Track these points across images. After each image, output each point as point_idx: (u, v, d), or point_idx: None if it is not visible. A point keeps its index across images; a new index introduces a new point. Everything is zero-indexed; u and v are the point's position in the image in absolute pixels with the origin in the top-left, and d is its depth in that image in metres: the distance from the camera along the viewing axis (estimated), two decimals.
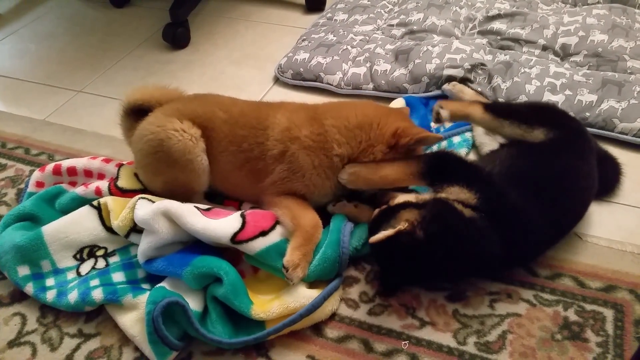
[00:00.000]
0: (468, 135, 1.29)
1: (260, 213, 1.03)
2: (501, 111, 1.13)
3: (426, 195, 0.98)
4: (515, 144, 1.10)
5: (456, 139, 1.28)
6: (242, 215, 1.00)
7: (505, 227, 0.92)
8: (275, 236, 0.99)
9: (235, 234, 0.96)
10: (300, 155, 1.02)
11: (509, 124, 1.10)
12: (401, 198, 0.98)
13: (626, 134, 1.28)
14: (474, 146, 1.28)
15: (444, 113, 1.15)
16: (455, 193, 0.95)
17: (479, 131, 1.26)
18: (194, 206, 1.02)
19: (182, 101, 1.16)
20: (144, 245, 0.99)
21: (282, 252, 0.97)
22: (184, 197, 1.07)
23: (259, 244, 0.96)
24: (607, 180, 1.15)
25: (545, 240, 0.99)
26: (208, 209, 1.04)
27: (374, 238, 0.87)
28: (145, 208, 1.00)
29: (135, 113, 1.15)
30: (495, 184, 0.99)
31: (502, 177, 1.01)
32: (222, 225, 0.97)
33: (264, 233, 0.98)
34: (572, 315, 0.93)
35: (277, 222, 1.01)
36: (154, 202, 1.03)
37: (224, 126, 1.09)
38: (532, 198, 0.95)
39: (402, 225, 0.87)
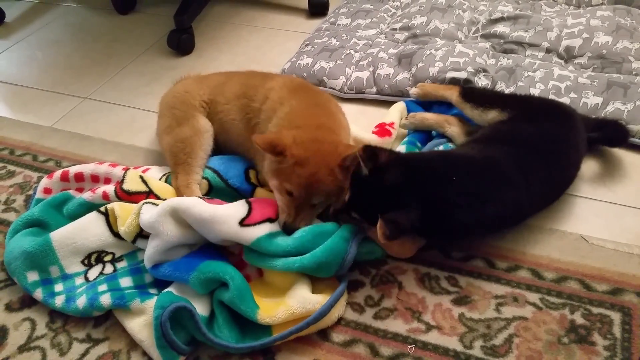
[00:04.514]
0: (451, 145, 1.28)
1: (265, 200, 1.05)
2: (470, 95, 1.26)
3: None
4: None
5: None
6: (248, 202, 1.03)
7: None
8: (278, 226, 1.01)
9: (243, 219, 0.98)
10: None
11: (470, 107, 1.23)
12: None
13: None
14: None
15: (413, 90, 1.40)
16: None
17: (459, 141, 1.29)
18: (199, 197, 1.05)
19: (210, 78, 1.37)
20: (150, 250, 0.99)
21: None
22: (186, 158, 1.17)
23: (264, 229, 0.99)
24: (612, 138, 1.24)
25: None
26: (210, 199, 1.07)
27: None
28: (151, 211, 1.01)
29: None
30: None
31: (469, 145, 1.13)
32: (230, 210, 1.00)
33: (271, 220, 1.00)
34: (578, 319, 0.93)
35: None
36: (157, 205, 1.04)
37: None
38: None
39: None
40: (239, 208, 1.01)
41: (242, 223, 0.98)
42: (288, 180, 0.99)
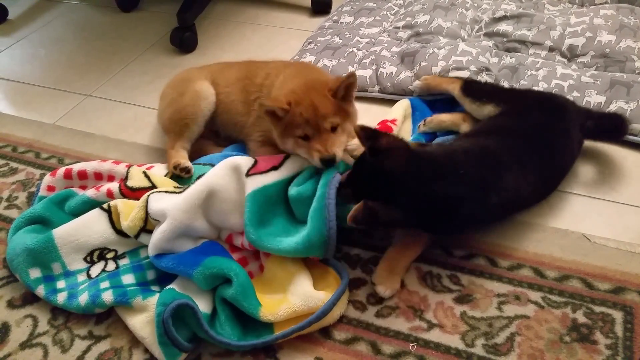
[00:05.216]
0: None
1: (269, 156, 1.11)
2: (469, 90, 1.27)
3: None
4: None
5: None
6: (255, 159, 1.11)
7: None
8: (285, 172, 1.07)
9: (249, 169, 1.06)
10: None
11: (469, 101, 1.25)
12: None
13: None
14: None
15: (417, 83, 1.43)
16: None
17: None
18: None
19: (211, 66, 1.43)
20: (156, 236, 1.00)
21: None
22: (185, 125, 1.25)
23: (270, 178, 1.04)
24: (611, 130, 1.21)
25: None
26: None
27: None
28: (162, 199, 1.04)
29: None
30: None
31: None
32: (240, 159, 1.08)
33: (275, 168, 1.07)
34: (580, 317, 0.93)
35: (285, 159, 1.09)
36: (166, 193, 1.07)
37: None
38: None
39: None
40: (246, 160, 1.09)
41: (248, 173, 1.05)
42: (296, 127, 1.05)
